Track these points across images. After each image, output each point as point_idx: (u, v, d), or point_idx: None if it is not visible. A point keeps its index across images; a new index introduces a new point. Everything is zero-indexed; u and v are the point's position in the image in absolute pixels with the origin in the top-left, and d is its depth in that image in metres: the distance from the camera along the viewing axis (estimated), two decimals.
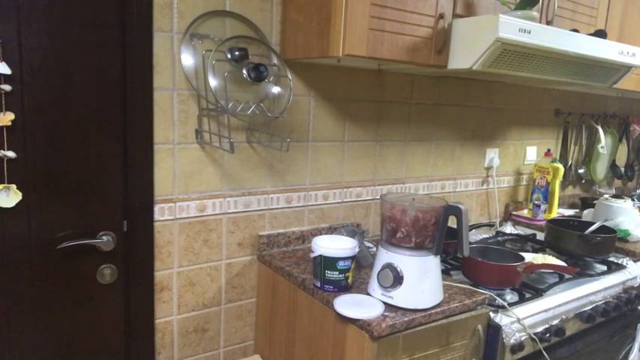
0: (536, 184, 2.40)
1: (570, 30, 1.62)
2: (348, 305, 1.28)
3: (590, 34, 1.68)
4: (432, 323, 1.30)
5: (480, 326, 1.41)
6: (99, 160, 1.37)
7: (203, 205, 1.54)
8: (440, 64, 1.52)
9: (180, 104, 1.45)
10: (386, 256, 1.32)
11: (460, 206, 1.30)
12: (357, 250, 1.40)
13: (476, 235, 2.11)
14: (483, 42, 1.42)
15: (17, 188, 1.26)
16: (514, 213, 2.44)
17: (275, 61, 1.55)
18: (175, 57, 1.42)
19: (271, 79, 1.53)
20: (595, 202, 2.31)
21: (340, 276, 1.37)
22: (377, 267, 1.34)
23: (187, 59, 1.43)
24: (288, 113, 1.61)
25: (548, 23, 1.78)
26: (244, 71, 1.46)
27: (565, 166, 2.62)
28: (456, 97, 2.12)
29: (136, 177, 1.41)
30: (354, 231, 1.71)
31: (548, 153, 2.43)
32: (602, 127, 2.71)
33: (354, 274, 1.44)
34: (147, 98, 1.38)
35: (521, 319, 1.46)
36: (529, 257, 1.77)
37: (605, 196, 2.28)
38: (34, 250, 1.31)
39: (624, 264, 1.91)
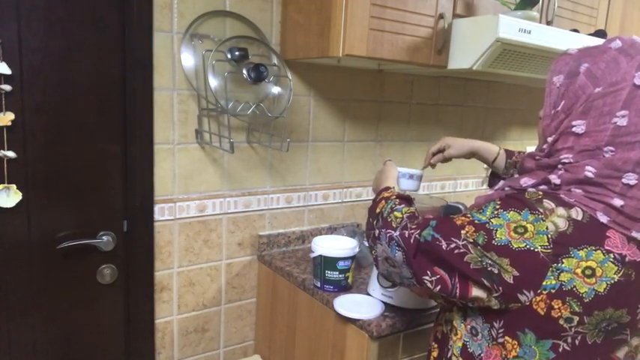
0: None
1: (570, 30, 1.62)
2: (348, 305, 1.28)
3: (590, 34, 1.68)
4: (432, 323, 1.30)
5: None
6: (99, 160, 1.37)
7: (203, 205, 1.54)
8: (440, 64, 1.52)
9: (180, 104, 1.45)
10: None
11: (460, 206, 1.30)
12: (357, 250, 1.40)
13: None
14: (483, 42, 1.41)
15: (17, 188, 1.26)
16: None
17: (275, 61, 1.55)
18: (175, 57, 1.41)
19: (271, 79, 1.53)
20: None
21: (340, 276, 1.37)
22: None
23: (187, 59, 1.43)
24: (288, 113, 1.61)
25: (548, 23, 1.78)
26: (244, 71, 1.46)
27: None
28: (456, 97, 2.12)
29: (136, 177, 1.40)
30: (354, 231, 1.71)
31: None
32: None
33: (354, 274, 1.43)
34: (147, 98, 1.38)
35: None
36: None
37: None
38: (34, 250, 1.31)
39: None
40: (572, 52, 0.82)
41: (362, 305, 1.28)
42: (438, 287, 0.82)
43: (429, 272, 0.83)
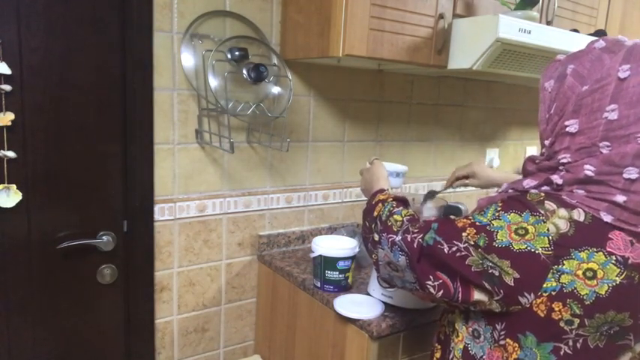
0: None
1: (570, 30, 1.62)
2: (348, 305, 1.28)
3: (590, 34, 1.68)
4: (432, 323, 1.30)
5: None
6: (99, 160, 1.37)
7: (203, 205, 1.54)
8: (440, 64, 1.52)
9: (180, 104, 1.45)
10: None
11: (460, 206, 1.30)
12: (357, 250, 1.40)
13: None
14: (483, 42, 1.42)
15: (17, 188, 1.26)
16: None
17: (275, 61, 1.55)
18: (175, 57, 1.42)
19: (271, 79, 1.53)
20: None
21: (340, 276, 1.37)
22: None
23: (187, 59, 1.43)
24: (288, 113, 1.61)
25: (548, 23, 1.78)
26: (244, 71, 1.46)
27: None
28: (456, 97, 2.12)
29: (136, 177, 1.41)
30: (354, 231, 1.71)
31: None
32: None
33: (354, 274, 1.43)
34: (147, 98, 1.38)
35: None
36: None
37: None
38: (34, 250, 1.31)
39: None
40: (560, 57, 0.84)
41: (362, 305, 1.28)
42: (441, 292, 0.82)
43: (431, 277, 0.83)
